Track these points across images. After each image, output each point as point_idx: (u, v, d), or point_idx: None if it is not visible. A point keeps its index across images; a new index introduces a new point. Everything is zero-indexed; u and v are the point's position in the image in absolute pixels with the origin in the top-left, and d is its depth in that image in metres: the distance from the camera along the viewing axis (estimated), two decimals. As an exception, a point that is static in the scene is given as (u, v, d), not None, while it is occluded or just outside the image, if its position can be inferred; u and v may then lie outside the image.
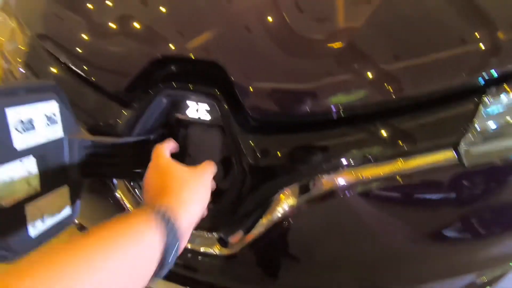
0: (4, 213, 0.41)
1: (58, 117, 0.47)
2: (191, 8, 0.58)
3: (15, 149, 0.41)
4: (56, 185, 0.48)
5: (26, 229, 0.44)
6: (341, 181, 0.48)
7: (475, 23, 0.54)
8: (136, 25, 0.57)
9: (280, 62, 0.53)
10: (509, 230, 0.55)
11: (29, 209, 0.44)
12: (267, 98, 0.50)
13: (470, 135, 0.47)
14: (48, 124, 0.45)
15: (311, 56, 0.54)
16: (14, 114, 0.40)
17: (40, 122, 0.44)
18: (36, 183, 0.44)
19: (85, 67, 0.59)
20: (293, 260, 0.57)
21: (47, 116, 0.45)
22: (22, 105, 0.41)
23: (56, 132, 0.47)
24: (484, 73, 0.48)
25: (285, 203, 0.52)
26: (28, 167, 0.43)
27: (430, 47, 0.51)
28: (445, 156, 0.48)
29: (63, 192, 0.50)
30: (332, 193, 0.49)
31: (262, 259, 0.58)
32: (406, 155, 0.48)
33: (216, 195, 0.62)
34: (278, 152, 0.50)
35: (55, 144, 0.47)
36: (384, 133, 0.48)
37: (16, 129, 0.41)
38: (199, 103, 0.56)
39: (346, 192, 0.48)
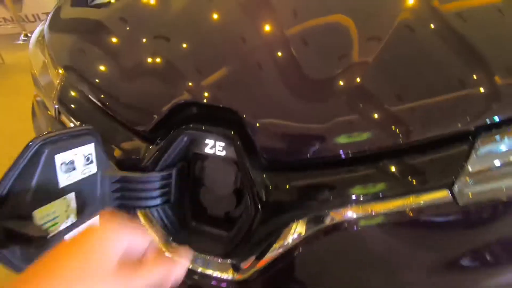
0: (47, 244, 0.47)
1: (93, 156, 0.53)
2: (208, 55, 0.65)
3: (60, 188, 0.47)
4: (89, 217, 0.54)
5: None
6: (347, 215, 0.53)
7: (472, 68, 0.60)
8: (161, 69, 0.65)
9: (290, 105, 0.59)
10: (508, 261, 0.59)
11: (67, 239, 0.50)
12: (277, 140, 0.56)
13: (463, 177, 0.51)
14: (85, 163, 0.52)
15: (318, 100, 0.59)
16: (61, 159, 0.47)
17: (79, 162, 0.50)
18: (73, 215, 0.51)
19: (112, 106, 0.66)
20: (300, 286, 0.61)
21: (85, 157, 0.51)
22: (67, 150, 0.47)
23: (91, 169, 0.53)
24: (477, 120, 0.53)
25: (295, 233, 0.57)
26: (68, 201, 0.49)
27: (429, 93, 0.56)
28: (442, 195, 0.52)
29: (94, 222, 0.56)
30: (339, 226, 0.54)
31: (272, 284, 0.62)
32: (408, 193, 0.53)
33: (229, 223, 0.67)
34: (288, 188, 0.55)
35: (90, 180, 0.53)
36: (387, 171, 0.53)
37: (61, 171, 0.47)
38: (216, 140, 0.62)
39: (352, 225, 0.53)
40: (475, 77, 0.58)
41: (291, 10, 0.77)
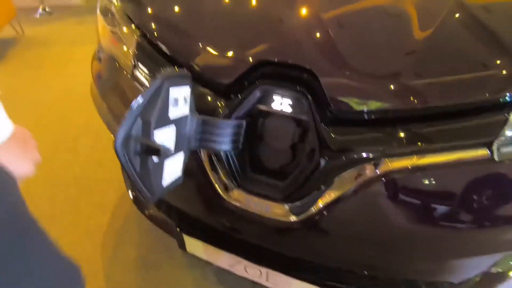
0: (156, 166, 0.55)
1: (188, 99, 0.62)
2: (283, 18, 0.75)
3: (169, 118, 0.56)
4: (180, 149, 0.63)
5: (162, 179, 0.59)
6: (402, 166, 0.62)
7: None
8: (240, 29, 0.74)
9: (356, 65, 0.68)
10: None
11: (166, 164, 0.59)
12: (345, 96, 0.66)
13: (501, 138, 0.61)
14: (184, 103, 0.61)
15: (382, 60, 0.69)
16: (173, 94, 0.55)
17: (181, 101, 0.59)
18: (172, 145, 0.59)
19: (191, 63, 0.75)
20: (348, 232, 0.71)
21: (184, 97, 0.60)
22: (176, 86, 0.56)
23: (185, 109, 0.62)
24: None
25: (348, 181, 0.66)
26: (172, 131, 0.58)
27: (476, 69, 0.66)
28: (482, 152, 0.62)
29: (180, 157, 0.65)
30: (392, 175, 0.63)
31: (325, 227, 0.71)
32: (453, 149, 0.62)
33: (282, 174, 0.76)
34: (348, 141, 0.65)
35: (184, 119, 0.62)
36: (442, 130, 0.63)
37: (171, 104, 0.56)
38: (283, 98, 0.70)
39: (404, 176, 0.62)
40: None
41: None
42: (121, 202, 1.56)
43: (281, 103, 0.71)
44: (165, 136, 0.55)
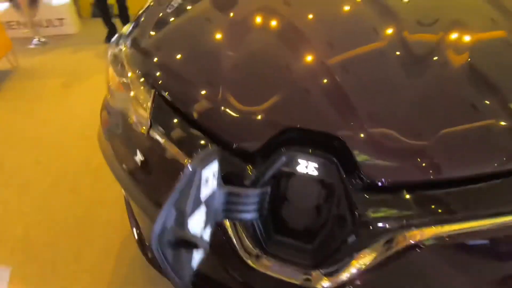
0: (187, 252, 0.53)
1: (216, 174, 0.60)
2: (311, 89, 0.74)
3: (200, 200, 0.54)
4: (208, 225, 0.60)
5: (191, 260, 0.56)
6: (435, 234, 0.61)
7: None
8: (266, 96, 0.73)
9: (387, 130, 0.67)
10: None
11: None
12: (377, 163, 0.64)
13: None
14: (213, 179, 0.58)
15: (412, 126, 0.68)
16: (204, 175, 0.53)
17: (210, 178, 0.57)
18: (204, 230, 0.57)
19: (213, 128, 0.74)
20: None
21: (213, 173, 0.58)
22: (207, 166, 0.54)
23: (214, 185, 0.60)
24: None
25: (380, 249, 0.64)
26: (202, 213, 0.56)
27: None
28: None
29: (207, 232, 0.62)
30: (425, 244, 0.61)
31: None
32: (482, 217, 0.61)
33: (308, 235, 0.73)
34: (380, 207, 0.63)
35: (212, 195, 0.60)
36: (474, 196, 0.62)
37: (203, 185, 0.54)
38: (309, 162, 0.69)
39: (439, 244, 0.61)
40: None
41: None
42: (125, 246, 1.50)
43: (307, 167, 0.69)
44: (197, 221, 0.53)
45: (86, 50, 3.59)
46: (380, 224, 0.62)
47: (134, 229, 1.08)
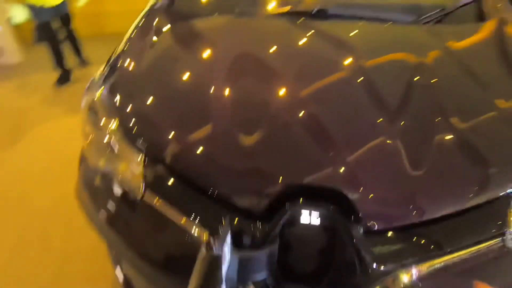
0: None
1: (229, 245, 0.61)
2: (312, 143, 0.78)
3: (222, 278, 0.54)
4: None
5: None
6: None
7: None
8: (267, 154, 0.76)
9: (389, 180, 0.73)
10: None
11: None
12: (380, 211, 0.70)
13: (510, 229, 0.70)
14: (227, 252, 0.59)
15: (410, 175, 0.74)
16: (225, 253, 0.54)
17: (225, 251, 0.58)
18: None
19: (213, 189, 0.74)
20: None
21: (228, 246, 0.59)
22: (225, 244, 0.55)
23: (228, 256, 0.61)
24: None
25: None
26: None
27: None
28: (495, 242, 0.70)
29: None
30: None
31: None
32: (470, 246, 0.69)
33: (313, 278, 0.76)
34: (385, 251, 0.69)
35: (227, 266, 0.60)
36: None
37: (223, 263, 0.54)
38: (314, 213, 0.72)
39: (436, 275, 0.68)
40: None
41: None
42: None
43: (311, 218, 0.72)
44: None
45: (34, 83, 3.32)
46: (383, 266, 0.68)
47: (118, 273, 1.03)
